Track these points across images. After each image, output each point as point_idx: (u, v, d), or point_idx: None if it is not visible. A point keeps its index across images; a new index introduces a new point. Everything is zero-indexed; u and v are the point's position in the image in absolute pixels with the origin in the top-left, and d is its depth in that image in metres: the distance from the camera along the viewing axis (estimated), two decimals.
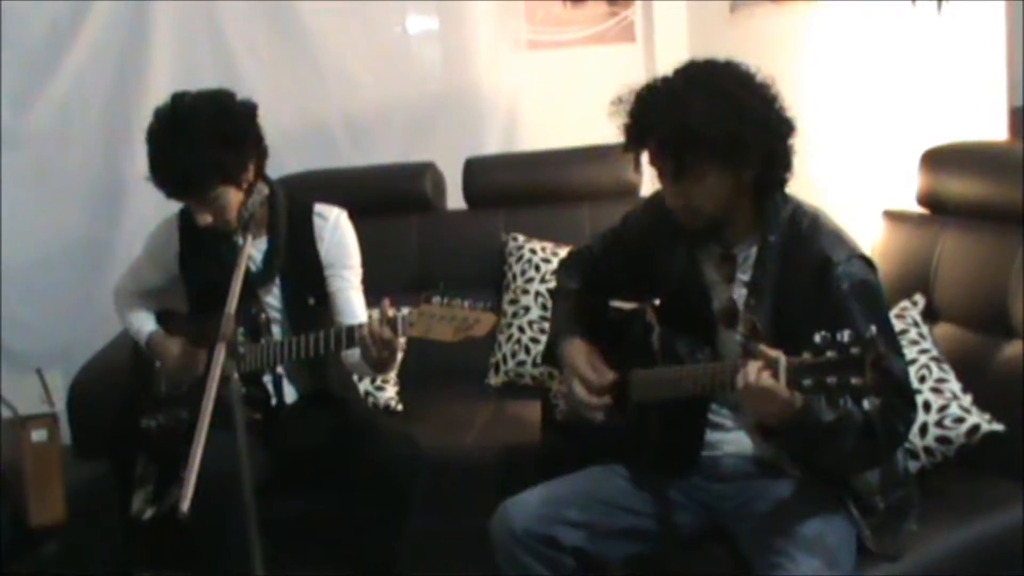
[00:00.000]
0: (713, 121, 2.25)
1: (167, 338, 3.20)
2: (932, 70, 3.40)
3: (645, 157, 2.40)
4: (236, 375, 2.42)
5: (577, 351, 2.62)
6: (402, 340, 2.78)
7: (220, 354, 2.39)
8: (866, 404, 2.11)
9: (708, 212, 2.38)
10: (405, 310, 2.65)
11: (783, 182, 2.41)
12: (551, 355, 2.77)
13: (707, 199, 2.36)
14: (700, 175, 2.31)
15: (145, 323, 3.26)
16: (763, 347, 2.11)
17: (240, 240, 2.62)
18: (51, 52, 4.44)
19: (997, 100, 3.31)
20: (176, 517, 2.87)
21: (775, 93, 2.35)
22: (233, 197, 2.93)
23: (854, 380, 1.96)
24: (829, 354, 1.99)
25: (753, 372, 2.10)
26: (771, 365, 2.07)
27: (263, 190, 2.94)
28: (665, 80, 2.34)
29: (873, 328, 1.98)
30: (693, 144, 2.27)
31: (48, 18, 4.41)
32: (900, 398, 2.30)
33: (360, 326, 2.73)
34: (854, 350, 1.97)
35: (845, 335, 1.98)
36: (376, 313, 2.73)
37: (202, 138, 2.86)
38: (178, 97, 2.96)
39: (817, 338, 2.00)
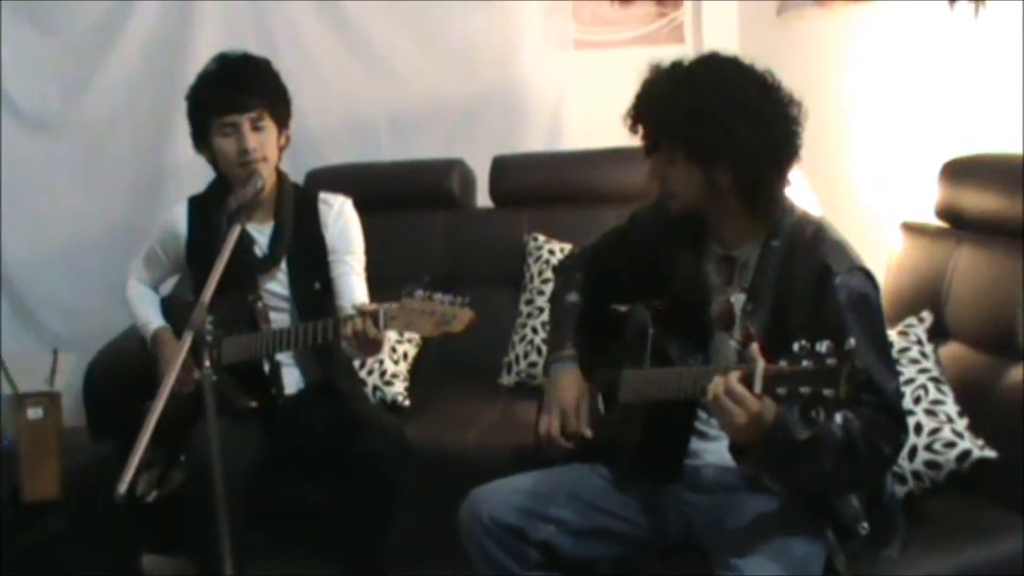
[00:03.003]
0: (667, 106, 2.31)
1: (172, 339, 3.20)
2: (967, 76, 3.29)
3: None
4: (208, 363, 2.44)
5: (571, 384, 2.57)
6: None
7: (186, 341, 2.40)
8: (838, 418, 2.04)
9: (681, 200, 2.39)
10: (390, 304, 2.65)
11: (769, 200, 2.36)
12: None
13: (679, 186, 2.38)
14: (669, 158, 2.35)
15: (153, 318, 3.27)
16: (753, 346, 2.05)
17: (231, 226, 2.62)
18: (100, 42, 4.52)
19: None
20: (177, 499, 2.98)
21: (777, 114, 2.30)
22: (273, 138, 3.05)
23: (826, 391, 1.91)
24: (805, 363, 1.94)
25: (721, 384, 2.05)
26: (748, 371, 2.02)
27: (272, 175, 3.07)
28: (676, 62, 2.36)
29: (852, 340, 1.92)
30: (649, 122, 2.34)
31: (98, 9, 4.50)
32: (888, 417, 2.21)
33: (345, 321, 2.72)
34: (830, 360, 1.91)
35: (824, 345, 1.92)
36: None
37: (268, 65, 3.11)
38: None
39: (796, 346, 1.95)
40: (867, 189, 3.53)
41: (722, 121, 2.24)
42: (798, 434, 2.09)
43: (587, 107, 4.48)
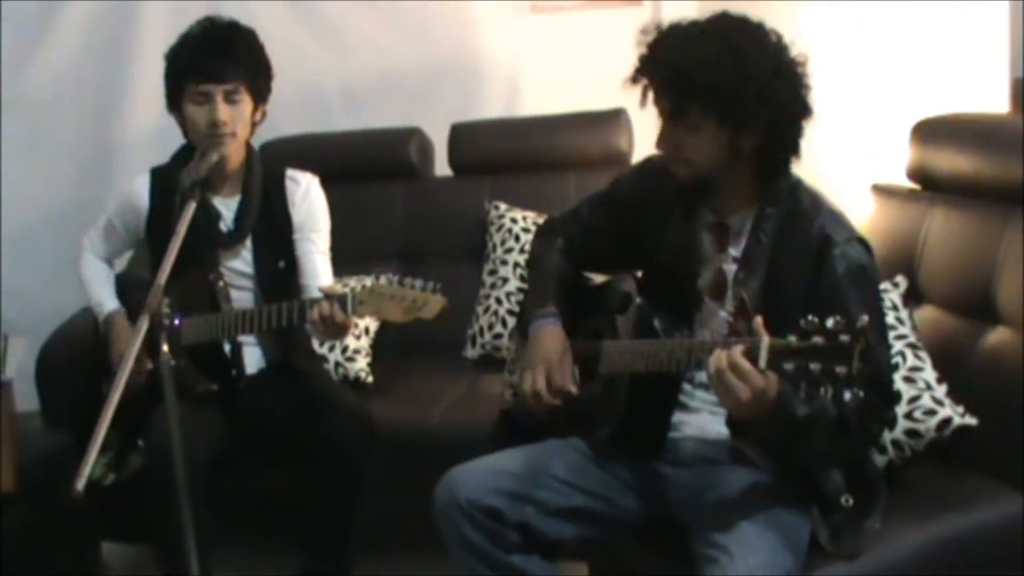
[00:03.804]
0: (714, 72, 2.17)
1: (125, 323, 3.11)
2: (933, 40, 3.25)
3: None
4: (165, 348, 2.34)
5: (553, 339, 2.49)
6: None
7: (142, 326, 2.31)
8: (847, 395, 1.97)
9: (699, 167, 2.29)
10: (366, 281, 2.59)
11: (787, 162, 2.30)
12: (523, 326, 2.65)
13: (699, 153, 2.27)
14: (695, 124, 2.23)
15: (107, 299, 3.18)
16: (758, 320, 1.99)
17: (186, 203, 2.52)
18: (45, 16, 4.38)
19: (999, 71, 3.13)
20: (134, 484, 2.90)
21: (799, 72, 2.25)
22: (247, 113, 2.97)
23: (839, 369, 1.85)
24: (816, 339, 1.88)
25: (724, 357, 1.99)
26: (751, 346, 1.96)
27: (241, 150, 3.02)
28: (691, 23, 2.26)
29: (865, 317, 1.87)
30: (688, 89, 2.20)
31: None
32: (879, 395, 2.17)
33: (312, 304, 2.65)
34: (843, 338, 1.85)
35: (833, 321, 1.87)
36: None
37: (253, 36, 3.04)
38: None
39: (803, 322, 1.89)
40: (836, 152, 3.46)
41: (767, 83, 2.17)
42: (798, 411, 2.05)
43: (545, 72, 4.40)
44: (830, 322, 1.87)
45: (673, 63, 2.21)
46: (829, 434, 2.12)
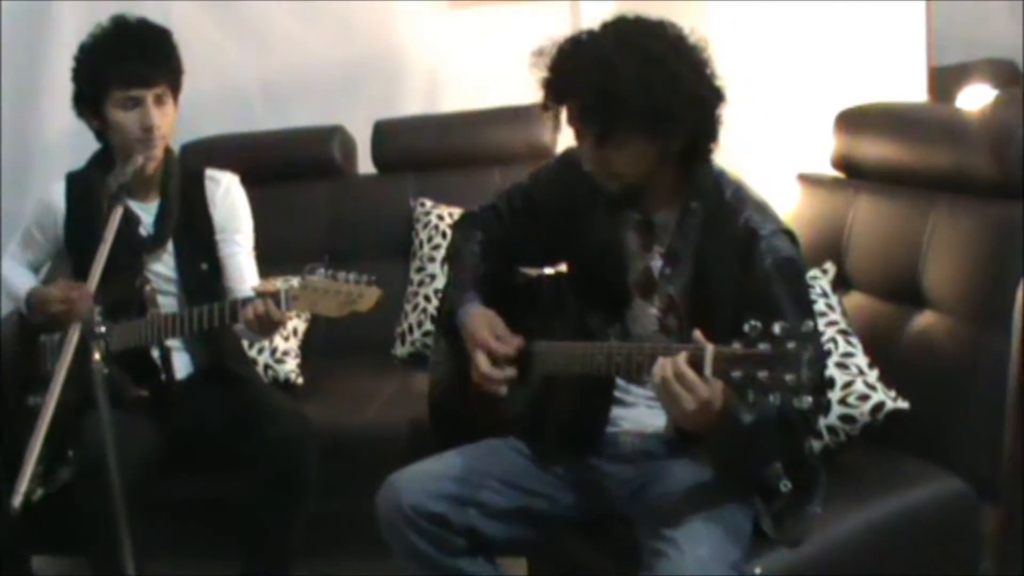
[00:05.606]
0: (643, 90, 2.10)
1: (45, 286, 3.03)
2: (853, 31, 3.28)
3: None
4: (97, 356, 2.30)
5: (478, 319, 2.46)
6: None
7: (74, 334, 2.28)
8: (796, 403, 1.89)
9: (630, 179, 2.25)
10: (293, 281, 2.58)
11: (709, 152, 2.26)
12: (446, 322, 2.63)
13: (629, 166, 2.23)
14: (623, 142, 2.18)
15: (25, 283, 3.09)
16: (698, 333, 1.97)
17: (113, 208, 2.48)
18: None
19: (917, 60, 3.19)
20: (64, 497, 2.83)
21: (707, 58, 2.21)
22: (173, 115, 2.93)
23: (788, 377, 1.82)
24: (762, 347, 1.85)
25: (669, 367, 1.96)
26: (695, 353, 1.94)
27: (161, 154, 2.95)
28: (593, 37, 2.19)
29: (811, 323, 1.85)
30: (619, 112, 2.12)
31: None
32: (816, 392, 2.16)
33: (245, 303, 2.63)
34: (790, 345, 1.82)
35: (778, 327, 1.84)
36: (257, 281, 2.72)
37: (170, 35, 2.98)
38: None
39: (747, 327, 1.86)
40: (762, 143, 3.50)
41: (691, 88, 2.14)
42: (744, 420, 2.04)
43: (466, 68, 4.40)
44: (776, 328, 1.84)
45: (598, 89, 2.12)
46: (772, 435, 2.12)
